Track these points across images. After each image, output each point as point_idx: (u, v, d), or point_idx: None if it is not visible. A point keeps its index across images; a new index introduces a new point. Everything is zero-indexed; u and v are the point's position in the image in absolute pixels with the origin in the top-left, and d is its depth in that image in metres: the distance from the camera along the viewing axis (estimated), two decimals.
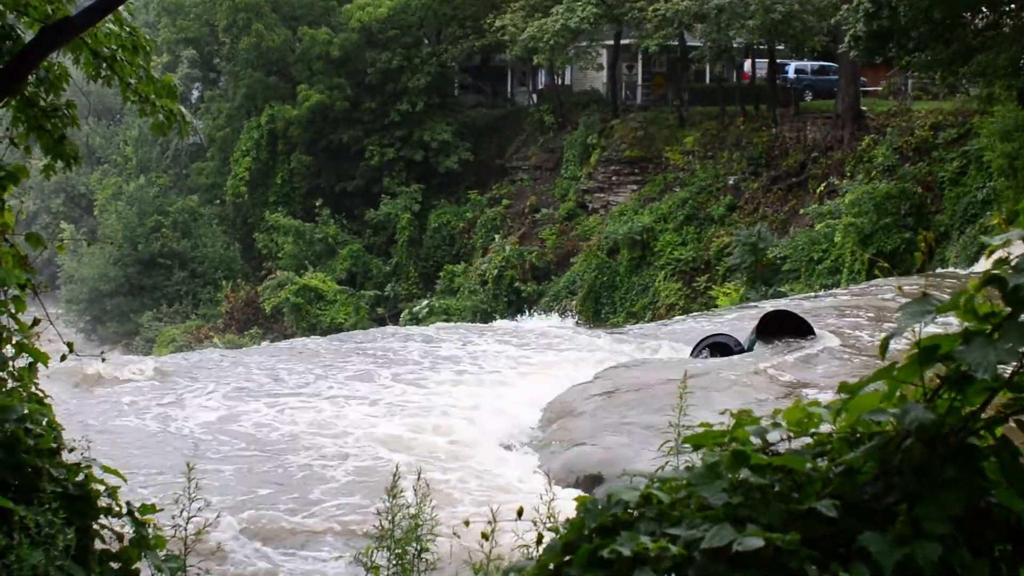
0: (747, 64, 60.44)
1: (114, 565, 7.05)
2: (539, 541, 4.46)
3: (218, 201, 73.87)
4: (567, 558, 3.81)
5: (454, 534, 6.04)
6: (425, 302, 60.46)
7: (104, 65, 8.30)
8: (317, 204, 67.75)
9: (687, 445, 4.59)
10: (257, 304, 64.20)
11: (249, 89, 71.08)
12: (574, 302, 55.71)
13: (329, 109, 68.01)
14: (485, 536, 5.57)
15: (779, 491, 3.71)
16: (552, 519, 4.93)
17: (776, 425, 4.01)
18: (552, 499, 5.32)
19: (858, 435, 3.85)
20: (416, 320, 56.02)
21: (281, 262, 66.26)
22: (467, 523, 5.89)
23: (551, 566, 3.85)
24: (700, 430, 4.10)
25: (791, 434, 3.99)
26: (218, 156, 73.32)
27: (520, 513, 5.28)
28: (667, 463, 4.78)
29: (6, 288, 7.80)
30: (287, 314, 61.77)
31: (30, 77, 7.88)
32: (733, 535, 3.46)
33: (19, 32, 8.02)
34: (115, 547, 7.12)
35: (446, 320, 52.08)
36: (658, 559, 3.53)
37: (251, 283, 67.30)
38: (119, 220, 71.01)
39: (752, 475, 3.72)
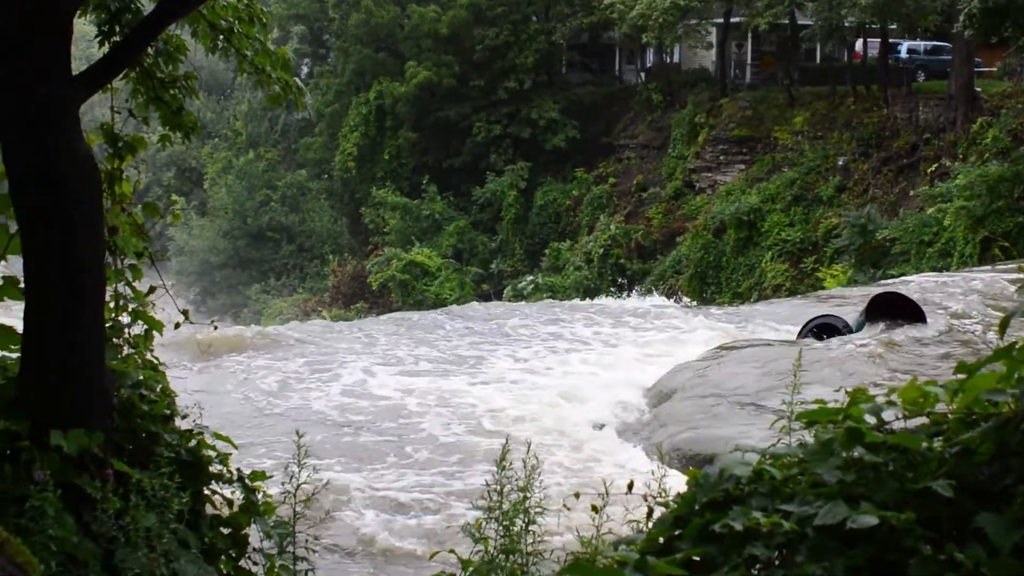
0: (858, 43, 59.57)
1: (224, 530, 7.17)
2: (649, 515, 4.46)
3: (326, 176, 74.48)
4: (677, 532, 3.81)
5: (564, 506, 6.06)
6: (530, 279, 60.48)
7: (221, 37, 8.39)
8: (424, 180, 68.02)
9: (797, 425, 4.56)
10: (363, 278, 64.64)
11: (358, 65, 71.51)
12: (680, 282, 55.46)
13: (436, 86, 68.21)
14: (595, 509, 5.57)
15: (893, 470, 3.68)
16: (662, 494, 4.92)
17: (891, 404, 3.98)
18: (663, 475, 5.30)
19: (975, 415, 3.81)
20: (520, 296, 56.08)
21: (388, 237, 66.65)
22: (577, 495, 5.92)
23: (661, 540, 3.85)
24: (814, 408, 4.08)
25: (906, 413, 3.96)
26: (326, 131, 73.92)
27: (631, 487, 5.28)
28: (779, 440, 4.75)
29: (123, 256, 7.94)
30: (393, 289, 62.17)
31: (148, 49, 7.99)
32: (847, 512, 3.45)
33: (139, 4, 8.13)
34: (225, 513, 7.24)
35: (551, 297, 52.13)
36: (770, 535, 3.52)
37: (357, 258, 67.78)
38: (229, 194, 72.01)
39: (866, 453, 3.70)
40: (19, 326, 6.73)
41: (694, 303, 48.44)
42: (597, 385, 22.56)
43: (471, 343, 28.26)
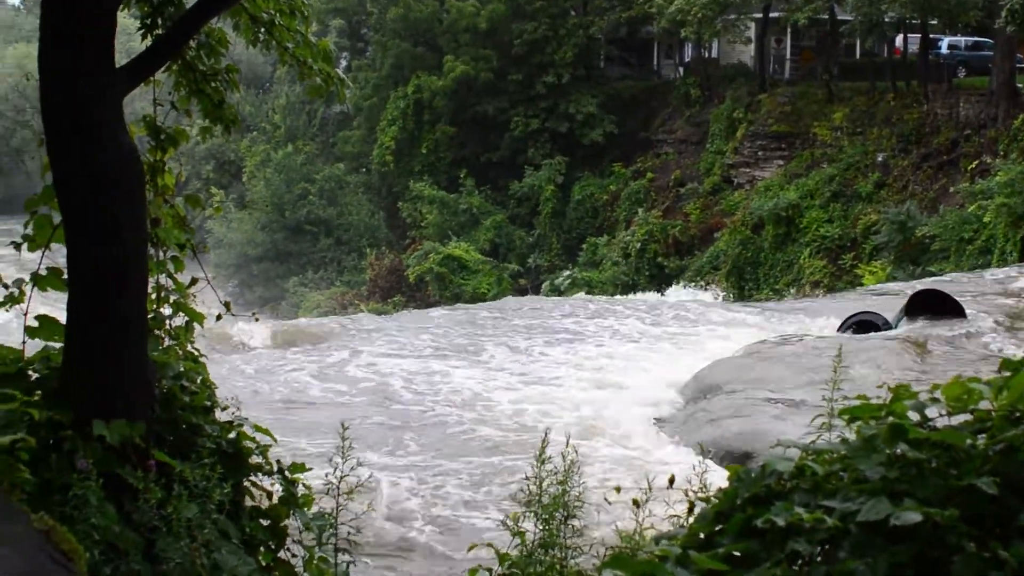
0: (899, 39, 59.22)
1: (263, 522, 7.20)
2: (690, 510, 4.45)
3: (364, 170, 74.58)
4: (719, 527, 3.81)
5: (605, 500, 6.05)
6: (567, 274, 60.47)
7: (262, 30, 8.41)
8: (461, 174, 68.06)
9: (838, 422, 4.53)
10: (400, 272, 64.76)
11: (396, 59, 71.64)
12: (717, 278, 55.32)
13: (474, 80, 68.26)
14: (637, 503, 5.55)
15: (936, 467, 3.67)
16: (703, 490, 4.91)
17: (934, 400, 3.96)
18: (705, 470, 5.29)
19: (1019, 413, 3.79)
20: (558, 291, 56.09)
21: (425, 231, 66.75)
22: (618, 489, 5.90)
23: (702, 535, 3.85)
24: (856, 404, 4.07)
25: (949, 410, 3.94)
26: (364, 125, 74.07)
27: (672, 481, 5.27)
28: (819, 436, 4.74)
29: (165, 248, 7.98)
30: (431, 283, 62.25)
31: (191, 42, 8.03)
32: (890, 509, 3.43)
33: None
34: (265, 504, 7.27)
35: (587, 292, 52.07)
36: (813, 530, 3.51)
37: (395, 251, 67.89)
38: (267, 187, 72.19)
39: (910, 449, 3.68)
40: (63, 317, 6.78)
41: (732, 298, 48.33)
42: (634, 379, 22.55)
43: (506, 337, 28.26)
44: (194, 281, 8.10)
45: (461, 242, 64.01)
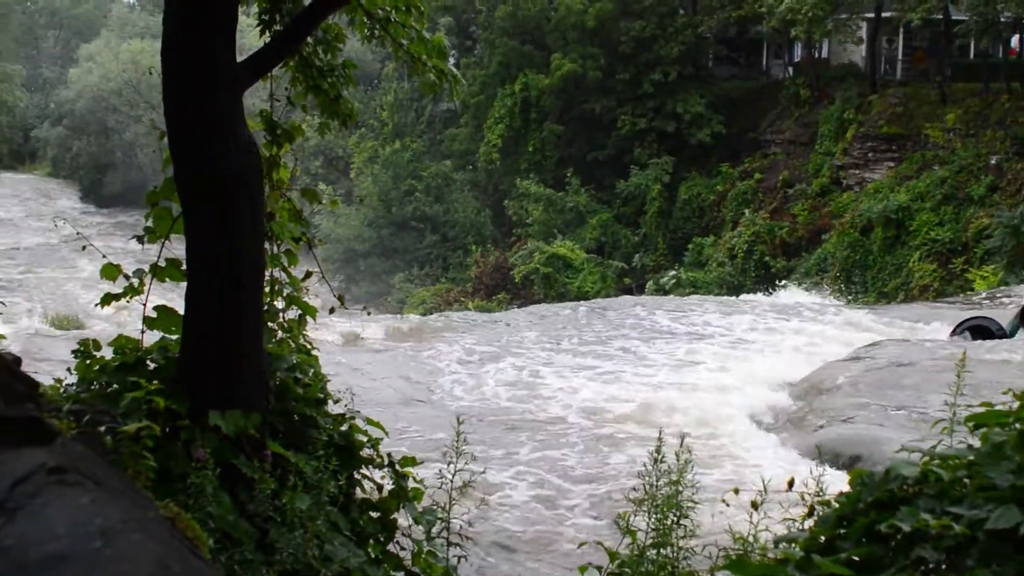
0: (1015, 39, 58.16)
1: (373, 514, 7.24)
2: (809, 513, 4.40)
3: (470, 167, 74.83)
4: (840, 531, 3.76)
5: (723, 501, 6.01)
6: (672, 273, 60.16)
7: (377, 26, 8.46)
8: (568, 173, 67.98)
9: (953, 428, 4.46)
10: (505, 269, 64.80)
11: (504, 57, 71.79)
12: (825, 280, 54.74)
13: (582, 78, 68.15)
14: (755, 505, 5.50)
15: None
16: (820, 493, 4.85)
17: None
18: (822, 473, 5.22)
19: None
20: (663, 291, 55.84)
21: (530, 229, 66.78)
22: (736, 491, 5.85)
23: (823, 538, 3.80)
24: (978, 411, 4.00)
25: None
26: (471, 123, 74.33)
27: (791, 484, 5.21)
28: (939, 442, 4.65)
29: (279, 242, 8.07)
30: (536, 282, 62.24)
31: (308, 38, 8.09)
32: (1020, 517, 3.36)
33: None
34: (375, 497, 7.32)
35: (693, 292, 51.83)
36: (939, 537, 3.45)
37: (500, 249, 67.98)
38: (374, 183, 72.69)
39: None
40: (181, 308, 6.87)
41: (841, 301, 47.85)
42: (743, 380, 22.43)
43: (613, 337, 28.21)
44: (308, 274, 8.19)
45: (566, 240, 63.93)
